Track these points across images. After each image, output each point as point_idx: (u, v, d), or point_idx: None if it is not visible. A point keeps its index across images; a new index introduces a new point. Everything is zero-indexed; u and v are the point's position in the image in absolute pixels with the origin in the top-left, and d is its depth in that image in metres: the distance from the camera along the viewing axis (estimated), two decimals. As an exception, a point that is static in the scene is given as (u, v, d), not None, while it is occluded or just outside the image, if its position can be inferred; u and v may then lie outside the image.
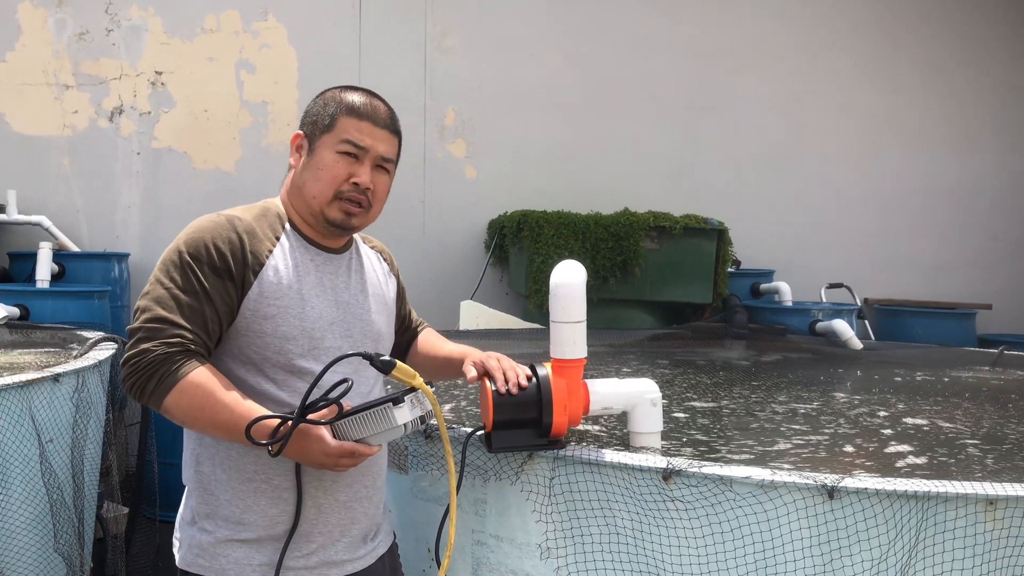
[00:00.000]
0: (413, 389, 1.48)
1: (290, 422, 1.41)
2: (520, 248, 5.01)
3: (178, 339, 1.46)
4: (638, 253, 4.66)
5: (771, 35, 6.22)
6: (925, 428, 2.25)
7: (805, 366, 3.59)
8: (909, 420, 2.36)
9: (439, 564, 1.76)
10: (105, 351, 2.95)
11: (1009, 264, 6.65)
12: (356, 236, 1.76)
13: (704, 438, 2.05)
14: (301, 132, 1.63)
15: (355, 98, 1.60)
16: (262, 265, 1.54)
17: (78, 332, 3.46)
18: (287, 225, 1.62)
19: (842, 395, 2.80)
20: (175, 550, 1.63)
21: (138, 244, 5.15)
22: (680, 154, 6.05)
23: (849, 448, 2.00)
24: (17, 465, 2.39)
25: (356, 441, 1.45)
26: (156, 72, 5.17)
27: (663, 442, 1.88)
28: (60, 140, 5.05)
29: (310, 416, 1.42)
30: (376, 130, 1.59)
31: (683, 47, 6.06)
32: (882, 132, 6.43)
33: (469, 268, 5.55)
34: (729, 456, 1.86)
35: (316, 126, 1.60)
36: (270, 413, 1.43)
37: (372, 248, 1.82)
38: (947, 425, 2.30)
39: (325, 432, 1.43)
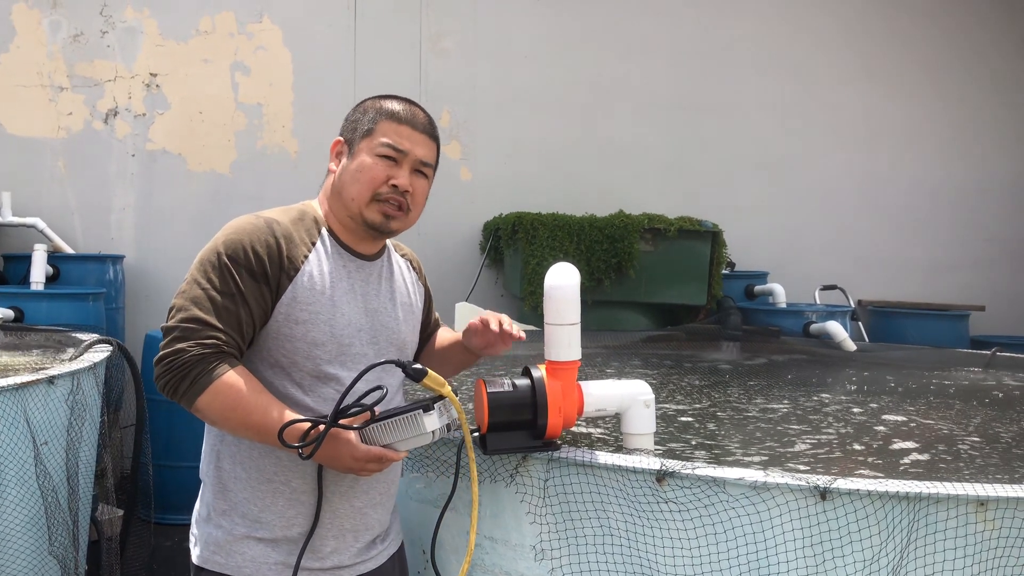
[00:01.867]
0: (441, 397, 1.50)
1: (322, 426, 1.43)
2: (515, 250, 5.02)
3: (213, 340, 1.47)
4: (633, 255, 4.67)
5: (766, 37, 6.24)
6: (918, 427, 2.26)
7: (800, 368, 3.60)
8: (908, 420, 2.37)
9: (435, 567, 1.77)
10: (100, 353, 2.95)
11: (1002, 265, 6.67)
12: (389, 243, 1.78)
13: (715, 442, 2.06)
14: (341, 138, 1.66)
15: (395, 105, 1.63)
16: (297, 270, 1.55)
17: (73, 334, 3.46)
18: (323, 230, 1.63)
19: (841, 396, 2.82)
20: (191, 547, 1.64)
21: (133, 246, 5.14)
22: (675, 156, 6.06)
23: (858, 447, 2.02)
24: (12, 467, 2.39)
25: (383, 447, 1.48)
26: (151, 74, 5.17)
27: (675, 445, 1.89)
28: (55, 142, 5.04)
29: (342, 421, 1.44)
30: (415, 134, 1.62)
31: (678, 49, 6.07)
32: (876, 134, 6.45)
33: (464, 270, 5.56)
34: (746, 459, 1.86)
35: (356, 132, 1.63)
36: (302, 417, 1.46)
37: (403, 256, 1.83)
38: (945, 424, 2.32)
39: (354, 436, 1.46)
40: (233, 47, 5.29)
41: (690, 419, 2.33)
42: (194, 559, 1.62)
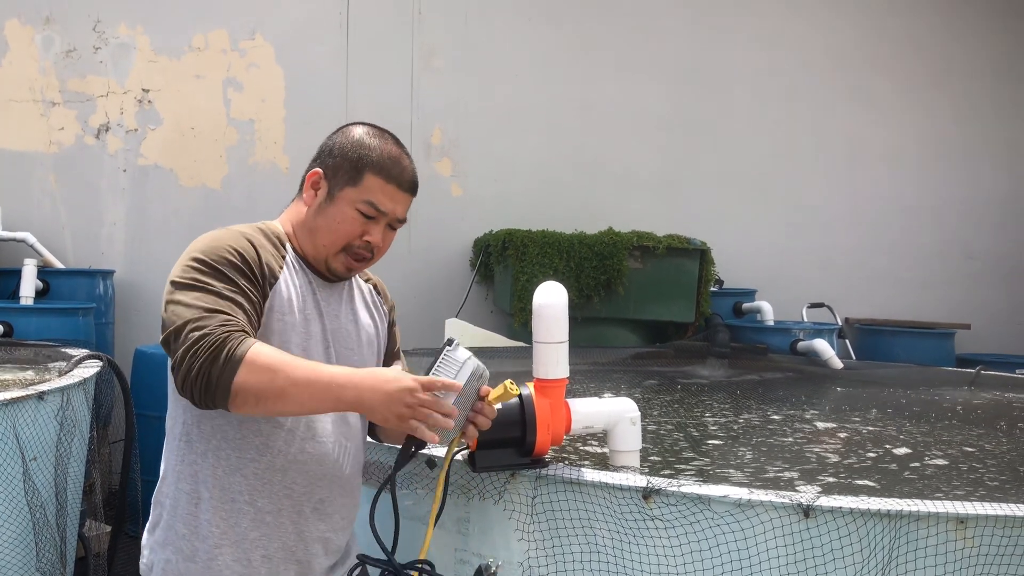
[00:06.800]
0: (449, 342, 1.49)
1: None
2: (505, 266, 5.04)
3: (230, 322, 1.39)
4: (622, 272, 4.70)
5: (755, 57, 6.30)
6: (923, 435, 2.31)
7: (790, 385, 3.64)
8: (906, 429, 2.40)
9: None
10: (90, 369, 2.95)
11: (987, 284, 6.73)
12: None
13: (745, 461, 2.10)
14: (320, 171, 1.60)
15: (384, 157, 1.58)
16: (276, 279, 1.55)
17: (62, 350, 3.45)
18: (288, 246, 1.62)
19: (839, 412, 2.88)
20: (142, 571, 1.58)
21: (123, 261, 5.14)
22: (664, 174, 6.11)
23: (871, 453, 2.12)
24: (0, 483, 2.38)
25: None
26: (143, 89, 5.19)
27: (704, 461, 1.91)
28: (46, 156, 5.04)
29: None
30: (399, 194, 1.60)
31: (668, 68, 6.13)
32: (863, 153, 6.52)
33: (454, 286, 5.57)
34: (788, 475, 1.91)
35: (339, 173, 1.58)
36: (350, 369, 1.43)
37: (367, 281, 1.81)
38: (946, 433, 2.36)
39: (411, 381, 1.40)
40: (226, 63, 5.32)
41: (719, 441, 2.38)
42: None
